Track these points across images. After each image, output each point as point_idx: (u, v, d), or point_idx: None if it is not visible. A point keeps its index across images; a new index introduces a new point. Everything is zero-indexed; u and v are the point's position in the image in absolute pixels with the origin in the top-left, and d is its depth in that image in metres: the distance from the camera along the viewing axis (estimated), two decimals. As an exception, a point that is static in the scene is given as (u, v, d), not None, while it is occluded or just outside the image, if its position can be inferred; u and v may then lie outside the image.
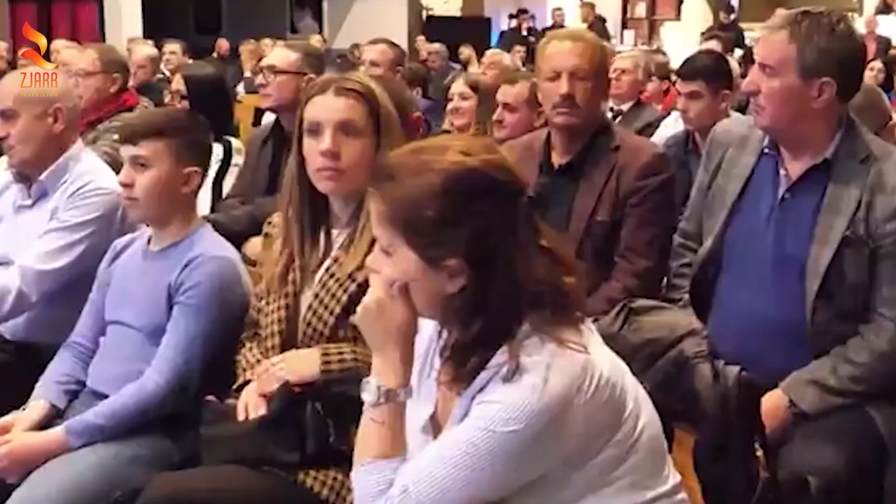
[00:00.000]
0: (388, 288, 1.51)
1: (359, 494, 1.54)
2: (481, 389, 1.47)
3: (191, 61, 7.70)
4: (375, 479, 1.51)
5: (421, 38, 12.81)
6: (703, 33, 12.37)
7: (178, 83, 3.76)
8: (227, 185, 3.71)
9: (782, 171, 2.31)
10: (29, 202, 2.63)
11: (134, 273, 2.32)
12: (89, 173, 2.60)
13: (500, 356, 1.46)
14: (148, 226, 2.47)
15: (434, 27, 14.83)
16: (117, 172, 2.39)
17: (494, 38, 14.96)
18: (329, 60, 7.90)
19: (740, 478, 1.70)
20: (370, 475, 1.52)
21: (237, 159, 3.86)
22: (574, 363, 1.46)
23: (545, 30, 13.38)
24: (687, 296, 2.35)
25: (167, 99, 3.73)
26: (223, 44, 12.47)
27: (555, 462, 1.48)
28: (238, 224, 3.19)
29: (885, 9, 12.47)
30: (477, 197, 1.45)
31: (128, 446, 2.14)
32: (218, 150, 3.75)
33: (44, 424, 2.24)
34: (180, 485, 1.82)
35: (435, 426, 1.62)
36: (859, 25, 12.51)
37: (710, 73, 3.49)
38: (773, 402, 2.15)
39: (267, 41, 10.82)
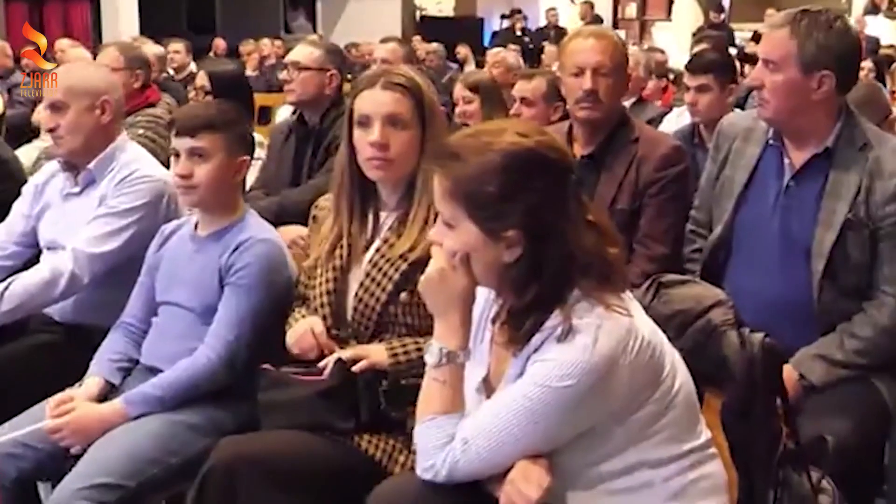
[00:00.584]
0: (450, 259, 1.65)
1: (422, 448, 1.68)
2: (536, 350, 1.62)
3: (193, 61, 7.85)
4: (438, 433, 1.66)
5: (417, 37, 12.94)
6: (694, 34, 12.58)
7: (202, 79, 3.88)
8: (250, 177, 3.84)
9: (786, 161, 2.47)
10: (77, 190, 2.75)
11: (184, 257, 2.45)
12: (135, 162, 2.73)
13: (554, 319, 1.61)
14: (191, 212, 2.62)
15: (428, 27, 14.99)
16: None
17: (487, 38, 15.13)
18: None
19: (764, 436, 1.84)
20: (433, 430, 1.67)
21: (259, 153, 3.99)
22: (620, 325, 1.61)
23: (539, 30, 13.58)
24: (698, 279, 2.50)
25: (191, 94, 3.85)
26: (220, 43, 12.55)
27: (601, 416, 1.63)
28: (266, 213, 3.33)
29: (873, 9, 12.69)
30: (533, 174, 1.59)
31: (184, 415, 2.28)
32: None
33: (100, 399, 2.37)
34: (247, 447, 1.95)
35: (488, 387, 1.77)
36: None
37: (718, 67, 3.65)
38: (784, 376, 2.31)
39: (266, 41, 10.98)
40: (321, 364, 2.05)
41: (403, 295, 2.11)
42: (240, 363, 2.32)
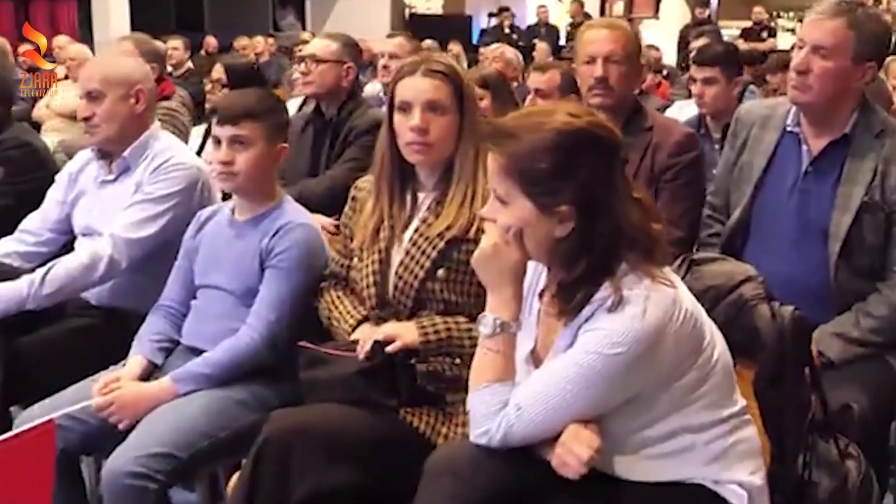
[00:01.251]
0: (504, 233, 1.74)
1: (476, 414, 1.77)
2: (586, 320, 1.71)
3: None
4: (492, 400, 1.75)
5: (408, 35, 12.99)
6: (681, 31, 12.72)
7: (218, 72, 3.97)
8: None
9: (804, 147, 2.57)
10: (111, 177, 2.82)
11: (223, 241, 2.53)
12: (169, 149, 2.80)
13: (603, 291, 1.70)
14: (226, 198, 2.70)
15: (417, 25, 15.05)
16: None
17: (475, 36, 15.22)
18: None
19: (794, 404, 1.94)
20: (487, 397, 1.76)
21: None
22: (666, 296, 1.70)
23: (529, 27, 13.67)
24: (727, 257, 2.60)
25: (208, 87, 3.93)
26: (211, 41, 12.59)
27: (648, 383, 1.72)
28: None
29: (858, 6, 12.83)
30: (584, 151, 1.69)
31: (230, 392, 2.36)
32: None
33: (143, 378, 2.45)
34: (299, 419, 2.03)
35: (535, 358, 1.86)
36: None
37: (725, 60, 3.76)
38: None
39: (259, 38, 11.02)
40: (358, 346, 2.13)
41: (441, 272, 2.19)
42: (281, 342, 2.40)
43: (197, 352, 2.47)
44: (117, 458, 2.19)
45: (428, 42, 10.39)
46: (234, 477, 2.19)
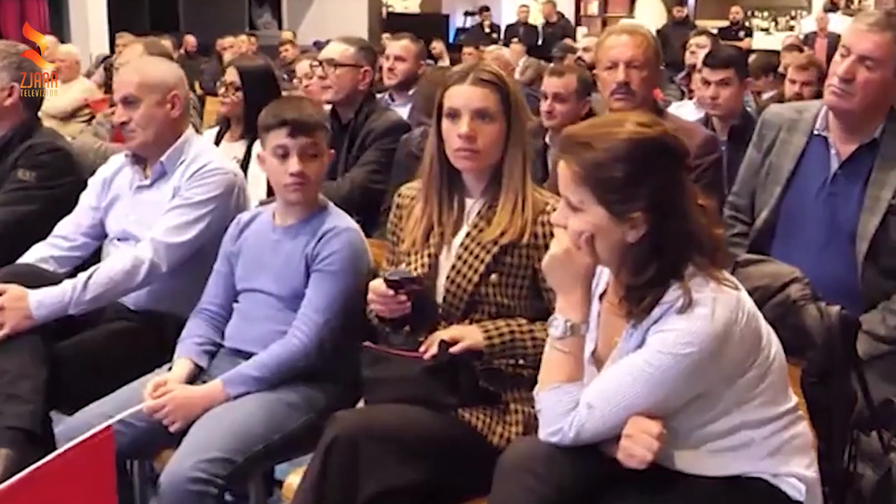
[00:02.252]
0: (576, 239, 1.80)
1: (548, 413, 1.83)
2: (656, 322, 1.78)
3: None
4: (564, 399, 1.82)
5: (386, 35, 13.05)
6: (658, 31, 12.84)
7: (231, 75, 3.97)
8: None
9: (832, 151, 2.66)
10: (147, 182, 2.85)
11: (266, 246, 2.56)
12: (205, 154, 2.83)
13: (672, 293, 1.77)
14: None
15: (394, 24, 15.08)
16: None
17: (452, 35, 15.29)
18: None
19: (841, 399, 2.03)
20: (559, 396, 1.82)
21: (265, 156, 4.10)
22: (732, 297, 1.78)
23: (509, 26, 13.75)
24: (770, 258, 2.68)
25: (221, 91, 3.94)
26: (190, 40, 12.56)
27: (714, 380, 1.79)
28: None
29: (831, 7, 13.07)
30: (656, 159, 1.75)
31: (280, 394, 2.41)
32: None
33: (189, 381, 2.48)
34: (366, 419, 2.09)
35: (596, 359, 1.93)
36: (810, 23, 13.10)
37: (738, 62, 3.85)
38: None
39: (242, 37, 11.01)
40: (424, 345, 2.18)
41: (494, 276, 2.25)
42: (328, 345, 2.45)
43: (242, 354, 2.51)
44: (177, 464, 2.22)
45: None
46: (292, 476, 2.24)
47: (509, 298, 2.26)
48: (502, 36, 13.90)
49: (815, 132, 2.71)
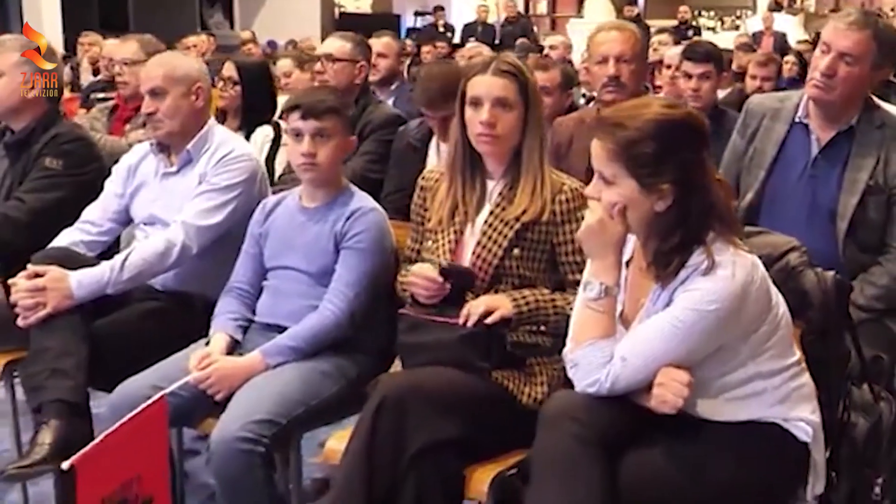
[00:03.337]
0: (609, 210, 2.01)
1: (584, 366, 2.04)
2: (682, 283, 2.00)
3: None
4: (600, 353, 2.02)
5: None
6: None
7: (229, 70, 4.13)
8: (279, 163, 4.10)
9: (813, 137, 2.91)
10: (174, 169, 2.99)
11: (294, 226, 2.73)
12: (229, 142, 2.99)
13: (697, 257, 1.98)
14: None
15: (346, 23, 15.21)
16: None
17: (403, 34, 15.45)
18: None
19: (837, 354, 2.26)
20: (595, 351, 2.03)
21: (285, 140, 4.26)
22: (748, 260, 2.00)
23: (467, 25, 13.97)
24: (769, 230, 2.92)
25: (219, 85, 4.08)
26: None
27: (733, 334, 2.01)
28: None
29: (776, 6, 13.52)
30: (683, 137, 1.97)
31: (316, 363, 2.58)
32: (268, 132, 4.15)
33: (227, 353, 2.64)
34: (411, 379, 2.27)
35: (623, 319, 2.14)
36: (756, 22, 13.52)
37: (716, 57, 4.10)
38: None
39: (203, 37, 11.06)
40: (462, 314, 2.36)
41: (516, 251, 2.45)
42: (358, 317, 2.63)
43: (275, 328, 2.67)
44: (225, 426, 2.39)
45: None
46: (332, 441, 2.41)
47: (530, 271, 2.46)
48: (458, 35, 14.10)
49: (797, 120, 2.95)
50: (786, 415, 2.09)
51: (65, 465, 2.05)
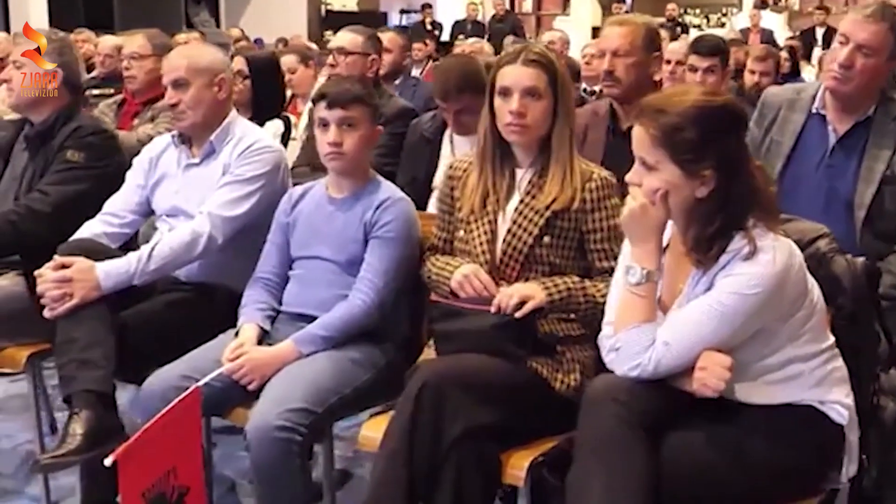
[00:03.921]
0: (651, 195, 2.04)
1: (627, 350, 2.06)
2: (723, 268, 2.02)
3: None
4: (642, 337, 2.05)
5: (329, 32, 13.20)
6: (599, 28, 13.19)
7: (239, 63, 4.13)
8: (291, 156, 4.11)
9: (830, 128, 2.95)
10: (197, 160, 3.00)
11: (322, 216, 2.75)
12: (252, 133, 2.99)
13: (737, 242, 2.01)
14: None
15: (332, 21, 15.22)
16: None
17: (390, 32, 15.44)
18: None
19: (868, 338, 2.30)
20: (638, 335, 2.05)
21: (295, 134, 4.28)
22: (787, 245, 2.04)
23: (457, 23, 13.99)
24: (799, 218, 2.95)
25: (229, 78, 4.08)
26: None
27: (773, 317, 2.05)
28: None
29: (762, 4, 13.61)
30: (724, 123, 2.00)
31: (347, 352, 2.60)
32: (278, 126, 4.17)
33: (257, 343, 2.65)
34: (450, 366, 2.29)
35: (661, 304, 2.16)
36: (742, 20, 13.61)
37: (722, 51, 4.14)
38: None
39: (195, 35, 11.00)
40: (495, 302, 2.38)
41: (546, 239, 2.48)
42: (387, 306, 2.65)
43: (304, 317, 2.69)
44: (262, 416, 2.40)
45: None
46: (367, 428, 2.42)
47: (560, 258, 2.49)
48: (448, 32, 14.12)
49: (814, 111, 2.99)
50: (822, 397, 2.12)
51: (108, 460, 2.06)
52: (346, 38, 4.04)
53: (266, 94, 4.13)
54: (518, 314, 2.36)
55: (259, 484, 2.44)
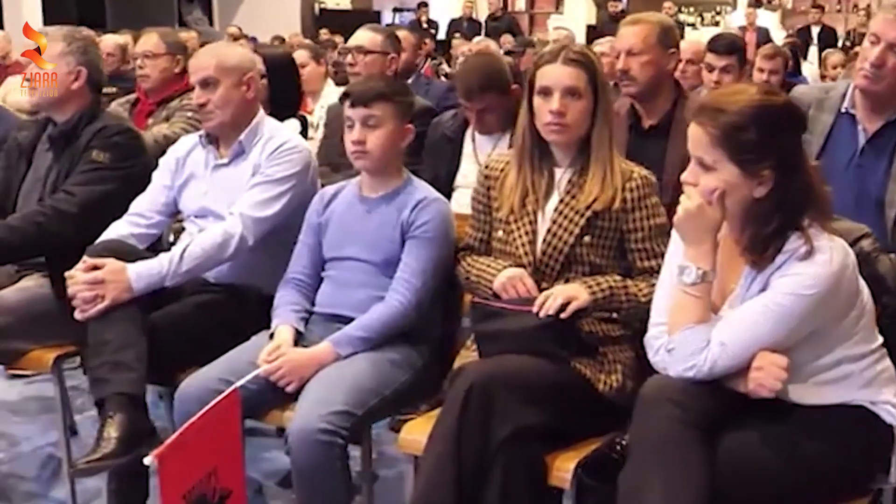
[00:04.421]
0: (708, 195, 2.02)
1: (683, 351, 2.05)
2: (779, 268, 2.02)
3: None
4: (698, 338, 2.04)
5: (324, 30, 13.16)
6: (594, 26, 13.22)
7: (256, 62, 4.09)
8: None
9: (860, 127, 2.94)
10: (225, 160, 2.96)
11: (355, 216, 2.72)
12: (281, 133, 2.97)
13: (793, 242, 2.01)
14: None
15: (326, 19, 15.20)
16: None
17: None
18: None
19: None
20: (693, 336, 2.04)
21: (311, 133, 4.25)
22: (841, 245, 2.03)
23: (453, 21, 13.97)
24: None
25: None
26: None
27: (827, 317, 2.04)
28: None
29: (756, 3, 13.64)
30: (783, 122, 1.99)
31: (385, 353, 2.58)
32: (295, 125, 4.14)
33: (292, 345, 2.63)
34: (498, 367, 2.27)
35: (712, 305, 2.15)
36: (736, 18, 13.64)
37: (739, 50, 4.13)
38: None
39: (192, 34, 10.95)
40: (537, 302, 2.37)
41: (587, 238, 2.46)
42: (425, 307, 2.63)
43: (339, 318, 2.66)
44: (303, 419, 2.37)
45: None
46: (407, 431, 2.40)
47: (601, 258, 2.48)
48: (444, 30, 14.10)
49: (843, 110, 2.98)
50: (872, 398, 2.12)
51: (147, 460, 2.03)
52: (365, 36, 4.02)
53: (283, 92, 4.08)
54: (563, 315, 2.34)
55: (300, 487, 2.42)
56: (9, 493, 3.26)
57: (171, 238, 3.38)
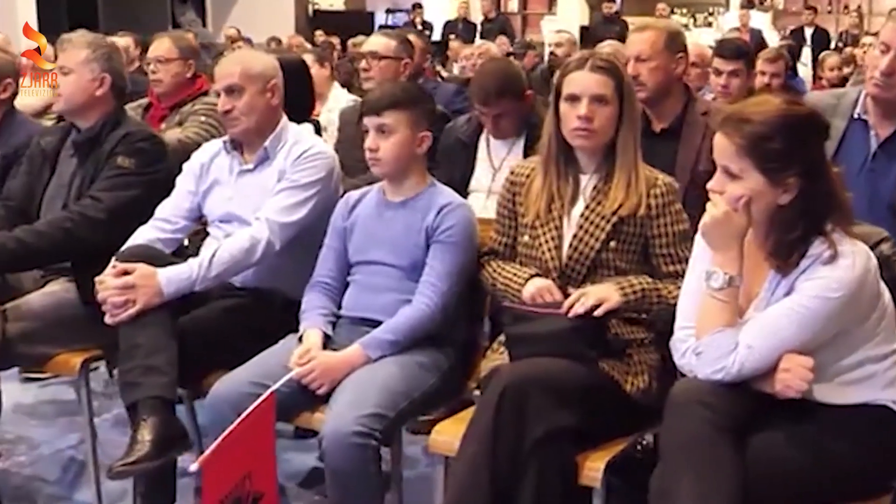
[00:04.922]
0: (734, 203, 2.08)
1: (711, 354, 2.11)
2: (803, 272, 2.08)
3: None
4: (726, 341, 2.10)
5: (319, 31, 13.19)
6: (587, 27, 13.29)
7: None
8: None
9: (872, 133, 3.01)
10: (250, 166, 3.01)
11: (380, 221, 2.77)
12: (306, 139, 3.01)
13: (817, 248, 2.07)
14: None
15: (320, 21, 15.23)
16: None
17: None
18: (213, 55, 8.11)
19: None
20: (721, 339, 2.10)
21: (325, 137, 4.29)
22: (863, 249, 2.10)
23: (448, 23, 14.02)
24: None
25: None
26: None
27: (851, 319, 2.11)
28: None
29: (748, 4, 13.74)
30: (808, 131, 2.05)
31: (413, 356, 2.63)
32: (309, 129, 4.17)
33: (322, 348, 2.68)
34: (531, 370, 2.32)
35: (738, 310, 2.21)
36: (729, 20, 13.72)
37: (747, 54, 4.19)
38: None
39: (189, 35, 10.96)
40: (566, 303, 2.43)
41: (613, 244, 2.52)
42: (450, 310, 2.68)
43: (368, 322, 2.71)
44: (337, 421, 2.42)
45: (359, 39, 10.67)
46: (438, 432, 2.45)
47: (625, 263, 2.54)
48: (439, 32, 14.15)
49: (855, 116, 3.05)
50: (895, 397, 2.18)
51: (193, 466, 2.08)
52: (379, 42, 4.07)
53: (296, 97, 4.10)
54: (595, 314, 2.40)
55: (333, 488, 2.47)
56: (34, 496, 3.30)
57: (186, 242, 3.42)
